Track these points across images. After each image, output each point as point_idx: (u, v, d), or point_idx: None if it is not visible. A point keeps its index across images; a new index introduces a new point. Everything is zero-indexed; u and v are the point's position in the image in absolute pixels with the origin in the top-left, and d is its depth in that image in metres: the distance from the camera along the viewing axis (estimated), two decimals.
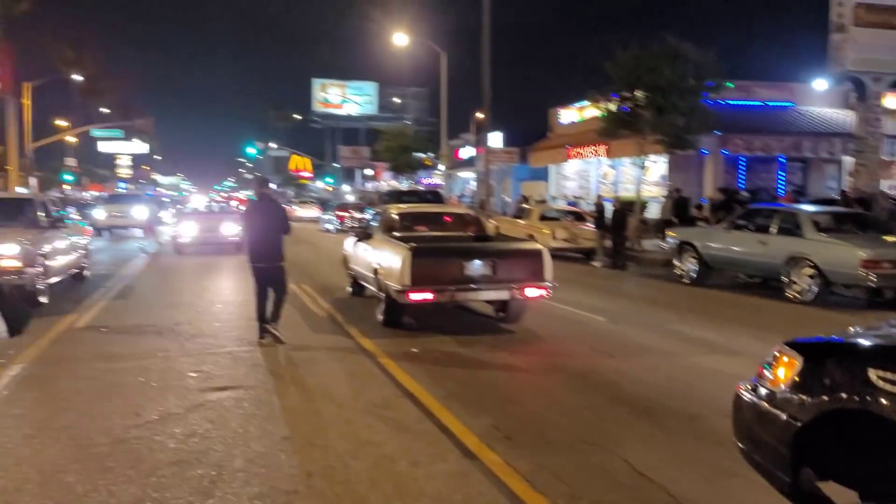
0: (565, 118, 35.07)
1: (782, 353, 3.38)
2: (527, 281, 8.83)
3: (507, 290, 8.84)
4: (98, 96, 69.06)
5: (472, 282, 8.70)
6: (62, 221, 11.83)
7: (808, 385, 3.16)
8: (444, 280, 8.60)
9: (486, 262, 8.73)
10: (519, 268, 8.96)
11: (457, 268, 8.65)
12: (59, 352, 7.68)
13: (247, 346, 8.01)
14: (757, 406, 3.44)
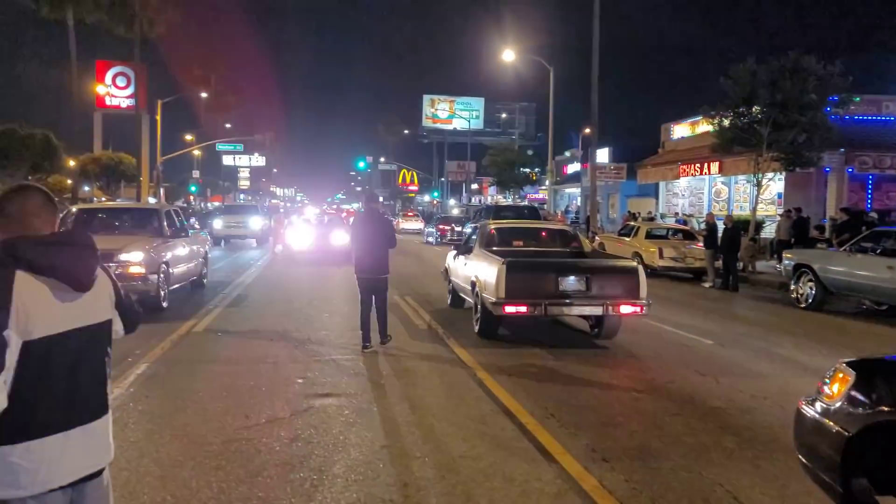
0: (677, 133, 34.13)
1: (838, 370, 3.58)
2: (621, 298, 8.83)
3: (601, 306, 8.83)
4: (222, 112, 73.49)
5: (566, 297, 8.81)
6: (185, 231, 12.60)
7: (857, 398, 3.37)
8: (537, 294, 8.74)
9: (580, 277, 8.83)
10: (613, 284, 8.97)
11: (551, 282, 8.78)
12: (178, 354, 8.20)
13: (350, 355, 8.27)
14: (813, 419, 3.64)
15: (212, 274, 16.57)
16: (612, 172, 36.69)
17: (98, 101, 56.36)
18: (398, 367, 7.78)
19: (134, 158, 45.59)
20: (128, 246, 10.37)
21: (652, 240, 20.15)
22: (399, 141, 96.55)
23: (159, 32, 46.04)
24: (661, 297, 15.24)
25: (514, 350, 8.83)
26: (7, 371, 2.12)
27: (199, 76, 68.99)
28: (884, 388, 3.30)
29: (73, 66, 35.30)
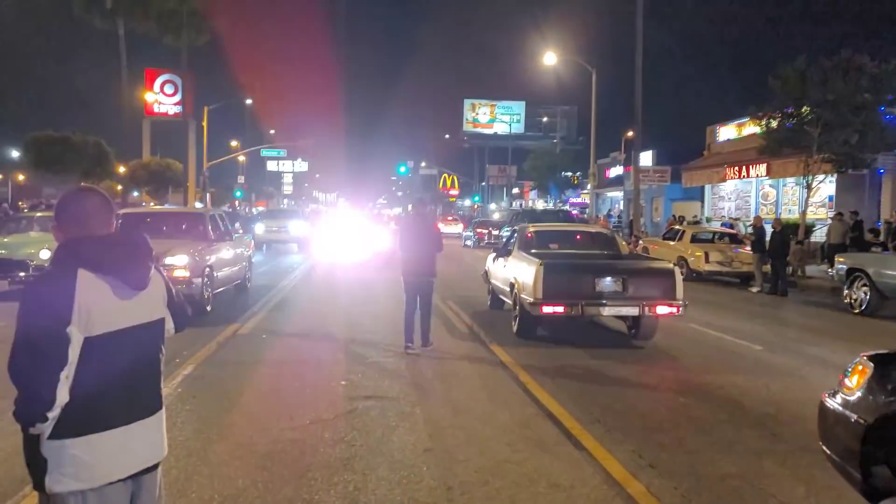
0: (723, 135, 33.49)
1: (858, 363, 3.75)
2: (658, 299, 8.92)
3: (637, 306, 8.92)
4: (267, 118, 74.73)
5: (603, 297, 8.93)
6: (229, 235, 12.79)
7: (875, 389, 3.51)
8: (574, 294, 8.91)
9: (616, 278, 8.98)
10: (650, 285, 9.09)
11: (587, 283, 8.95)
12: (225, 355, 8.32)
13: (393, 358, 8.28)
14: (834, 410, 3.78)
15: (255, 278, 16.80)
16: (655, 176, 36.24)
17: (146, 108, 57.84)
18: (440, 369, 7.76)
19: (181, 164, 46.59)
20: (172, 249, 10.54)
21: (697, 244, 19.80)
22: (440, 146, 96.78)
23: (205, 40, 47.07)
24: (707, 301, 14.97)
25: (555, 352, 8.78)
26: (69, 366, 2.18)
27: (245, 83, 70.41)
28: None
29: (124, 74, 36.22)
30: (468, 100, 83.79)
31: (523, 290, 9.36)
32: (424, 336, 8.82)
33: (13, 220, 15.62)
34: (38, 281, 2.28)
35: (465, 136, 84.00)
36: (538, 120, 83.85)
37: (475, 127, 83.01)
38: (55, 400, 2.15)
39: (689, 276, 19.25)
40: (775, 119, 20.48)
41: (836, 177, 22.80)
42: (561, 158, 51.65)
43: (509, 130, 76.41)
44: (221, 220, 13.22)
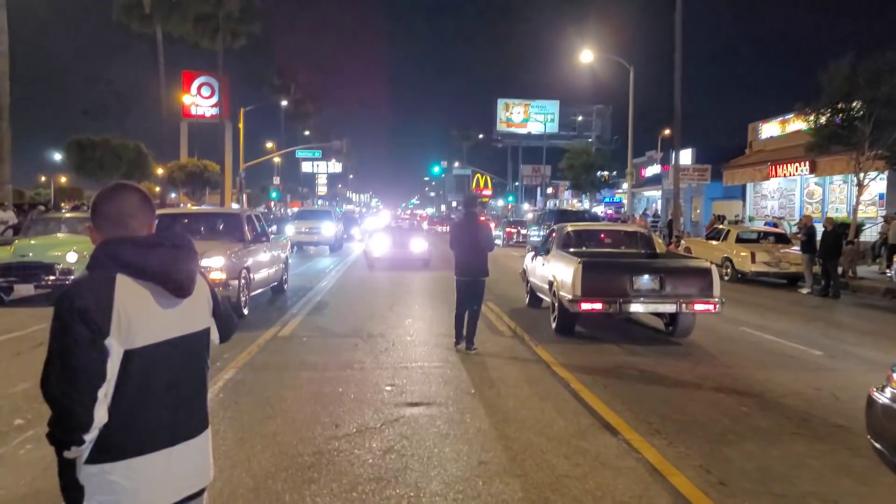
0: (766, 133, 32.65)
1: None
2: (695, 296, 9.11)
3: (675, 303, 9.11)
4: (301, 120, 75.26)
5: (640, 295, 9.11)
6: (265, 236, 12.63)
7: None
8: (612, 292, 9.09)
9: (654, 276, 9.16)
10: (687, 283, 9.23)
11: (625, 281, 9.10)
12: (265, 359, 8.15)
13: (437, 362, 8.03)
14: (883, 404, 3.83)
15: (291, 279, 16.70)
16: (695, 174, 35.46)
17: (184, 110, 58.59)
18: (487, 375, 7.49)
19: (218, 166, 47.00)
20: (209, 251, 10.42)
21: (743, 244, 19.22)
22: (473, 145, 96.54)
23: (242, 44, 47.44)
24: (756, 304, 14.47)
25: (601, 352, 8.51)
26: (108, 382, 1.96)
27: (280, 85, 70.95)
28: None
29: (162, 77, 36.61)
30: (502, 99, 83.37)
31: (562, 288, 9.59)
32: (469, 339, 8.75)
33: (41, 222, 15.10)
34: (72, 288, 2.01)
35: (498, 135, 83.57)
36: (572, 119, 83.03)
37: (509, 126, 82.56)
38: (93, 420, 1.93)
39: (735, 276, 18.73)
40: (824, 115, 19.77)
41: (888, 174, 21.97)
42: (596, 157, 50.81)
43: (543, 130, 75.79)
44: (258, 221, 13.08)
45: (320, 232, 27.97)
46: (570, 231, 11.56)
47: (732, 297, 15.52)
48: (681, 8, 26.57)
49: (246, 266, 11.28)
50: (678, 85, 28.89)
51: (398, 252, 20.30)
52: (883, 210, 24.10)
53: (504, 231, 36.72)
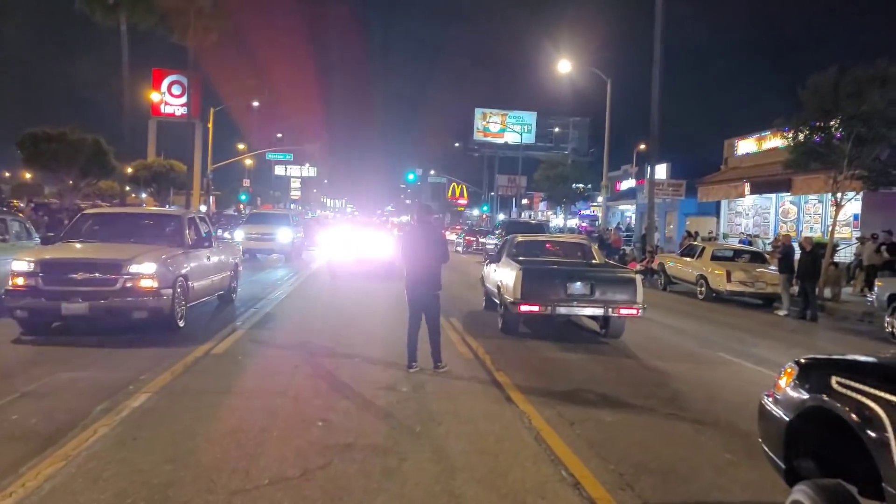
0: (742, 149, 32.26)
1: (788, 366, 3.96)
2: (620, 302, 10.14)
3: (603, 307, 10.17)
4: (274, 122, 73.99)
5: (573, 299, 10.16)
6: (209, 240, 11.54)
7: (796, 389, 3.72)
8: (548, 296, 10.13)
9: (585, 283, 10.18)
10: (614, 290, 10.25)
11: (560, 286, 10.17)
12: (188, 382, 7.15)
13: (383, 390, 7.10)
14: (766, 408, 4.05)
15: (245, 287, 15.67)
16: (670, 189, 35.01)
17: (153, 108, 57.12)
18: (438, 407, 6.57)
19: (185, 166, 45.56)
20: (139, 256, 9.39)
21: (719, 261, 18.58)
22: (449, 154, 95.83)
23: (213, 41, 46.12)
24: (733, 325, 13.78)
25: (573, 386, 7.59)
26: None
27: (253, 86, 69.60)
28: (815, 380, 3.61)
29: (125, 71, 35.26)
30: (479, 109, 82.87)
31: (507, 292, 10.62)
32: (435, 356, 8.10)
33: None
34: None
35: (475, 145, 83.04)
36: (549, 131, 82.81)
37: (486, 136, 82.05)
38: None
39: (709, 295, 18.08)
40: (803, 132, 19.21)
41: (863, 195, 21.50)
42: (572, 170, 50.31)
43: (520, 140, 75.33)
44: (202, 223, 12.05)
45: (274, 238, 24.76)
46: (519, 241, 12.70)
47: (707, 318, 14.85)
48: (660, 22, 26.07)
49: (183, 273, 10.25)
50: (655, 99, 28.39)
51: (362, 260, 19.24)
52: (857, 231, 23.70)
53: (464, 239, 39.36)
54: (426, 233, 8.38)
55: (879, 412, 3.00)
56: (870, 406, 3.07)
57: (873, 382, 3.14)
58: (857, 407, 3.15)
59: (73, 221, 11.75)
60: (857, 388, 3.20)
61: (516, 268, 10.39)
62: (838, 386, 3.34)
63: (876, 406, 3.04)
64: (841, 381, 3.34)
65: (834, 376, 3.41)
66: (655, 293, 20.42)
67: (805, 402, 3.60)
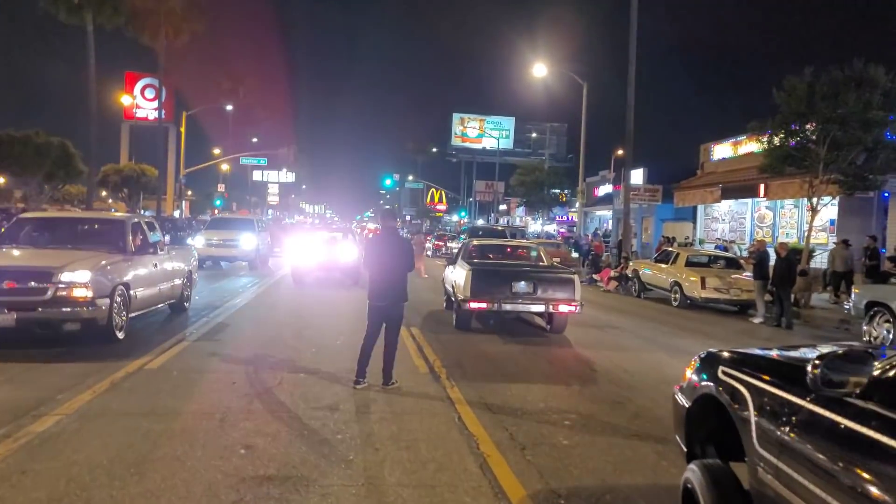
0: (718, 154, 32.05)
1: (693, 359, 4.24)
2: (561, 300, 11.10)
3: (544, 304, 11.13)
4: (250, 126, 72.94)
5: (518, 297, 11.09)
6: (154, 246, 10.83)
7: (696, 378, 4.02)
8: (495, 294, 11.03)
9: (529, 282, 11.13)
10: (555, 289, 11.16)
11: (506, 285, 11.11)
12: (109, 402, 6.51)
13: (322, 411, 6.49)
14: (675, 397, 4.30)
15: (203, 295, 15.00)
16: (646, 195, 34.72)
17: (126, 112, 56.03)
18: (380, 430, 5.99)
19: (156, 170, 44.61)
20: (72, 263, 8.73)
21: (693, 267, 18.18)
22: (427, 159, 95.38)
23: (184, 43, 45.25)
24: (707, 333, 13.35)
25: (531, 403, 7.04)
26: None
27: (227, 89, 68.60)
28: (708, 370, 3.86)
29: (92, 72, 34.33)
30: (457, 114, 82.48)
31: (458, 290, 11.59)
32: (386, 372, 7.54)
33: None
34: None
35: (453, 150, 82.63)
36: (527, 136, 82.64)
37: (464, 141, 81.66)
38: None
39: (684, 302, 17.67)
40: (778, 135, 18.92)
41: (839, 200, 21.29)
42: (548, 175, 50.01)
43: (498, 146, 75.04)
44: (149, 228, 11.37)
45: (237, 245, 23.16)
46: (474, 244, 14.09)
47: (681, 326, 14.40)
48: (634, 22, 25.81)
49: (124, 282, 9.58)
50: (630, 98, 28.12)
51: (324, 266, 18.58)
52: (834, 236, 23.49)
53: (433, 243, 41.28)
54: (391, 239, 7.84)
55: (745, 393, 3.35)
56: (739, 389, 3.41)
57: (745, 370, 3.49)
58: (730, 390, 3.50)
59: (8, 227, 11.05)
60: (733, 374, 3.55)
61: (467, 268, 11.38)
62: (722, 374, 3.66)
63: (743, 389, 3.38)
64: (724, 370, 3.67)
65: (721, 366, 3.73)
66: (629, 300, 19.99)
67: (699, 390, 3.91)
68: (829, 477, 2.53)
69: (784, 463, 2.85)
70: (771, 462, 2.95)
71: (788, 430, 2.89)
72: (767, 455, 2.99)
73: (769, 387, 3.20)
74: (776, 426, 2.98)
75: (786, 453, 2.85)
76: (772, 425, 3.02)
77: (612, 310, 16.93)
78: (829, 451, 2.60)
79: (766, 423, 3.07)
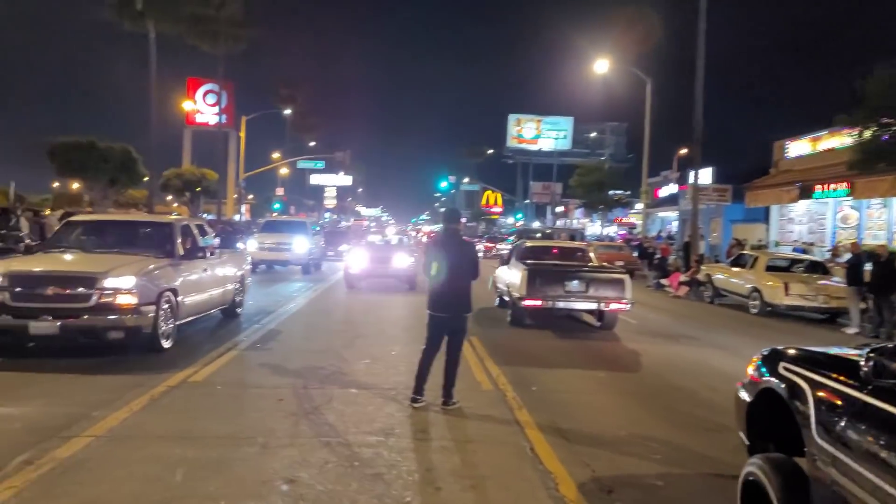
0: (794, 151, 30.22)
1: (754, 356, 4.25)
2: (612, 298, 11.56)
3: (596, 303, 11.66)
4: (307, 131, 73.47)
5: (571, 295, 11.61)
6: (203, 250, 10.25)
7: (758, 373, 4.06)
8: (549, 292, 11.53)
9: (581, 281, 11.63)
10: (606, 288, 11.64)
11: (559, 284, 11.61)
12: (143, 421, 5.92)
13: (378, 435, 5.75)
14: (738, 393, 4.34)
15: (257, 300, 14.53)
16: (715, 195, 33.11)
17: (187, 117, 56.95)
18: (440, 463, 5.21)
19: (217, 174, 45.02)
20: (117, 269, 8.23)
21: (774, 272, 16.87)
22: (483, 161, 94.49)
23: (242, 49, 45.65)
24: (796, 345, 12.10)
25: (614, 429, 6.15)
26: None
27: (286, 95, 69.24)
28: (770, 367, 3.89)
29: (153, 78, 34.69)
30: (513, 115, 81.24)
31: (514, 289, 12.05)
32: (447, 391, 6.77)
33: None
34: None
35: (509, 151, 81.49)
36: (585, 136, 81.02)
37: (520, 143, 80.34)
38: None
39: (764, 309, 16.39)
40: (870, 129, 17.39)
41: None
42: (609, 176, 48.52)
43: (555, 147, 73.70)
44: (200, 231, 10.87)
45: (290, 248, 22.69)
46: (527, 245, 14.46)
47: (765, 336, 13.16)
48: (704, 13, 24.55)
49: (171, 287, 9.07)
50: (699, 96, 26.86)
51: (379, 270, 17.84)
52: None
53: (484, 245, 42.35)
54: (453, 243, 7.03)
55: (805, 387, 3.35)
56: (799, 384, 3.42)
57: (806, 365, 3.50)
58: (790, 385, 3.51)
59: (58, 230, 10.72)
60: (793, 370, 3.56)
61: (522, 268, 11.84)
62: (783, 370, 3.68)
63: (803, 383, 3.39)
64: (786, 366, 3.67)
65: (782, 362, 3.74)
66: (702, 307, 18.75)
67: (760, 385, 3.94)
68: (886, 466, 2.55)
69: (842, 453, 2.87)
70: (829, 453, 2.97)
71: (846, 421, 2.91)
72: (826, 446, 3.01)
73: (827, 381, 3.22)
74: (834, 418, 3.00)
75: (844, 444, 2.87)
76: (830, 418, 3.05)
77: (685, 318, 15.80)
78: (886, 441, 2.61)
79: (825, 415, 3.10)
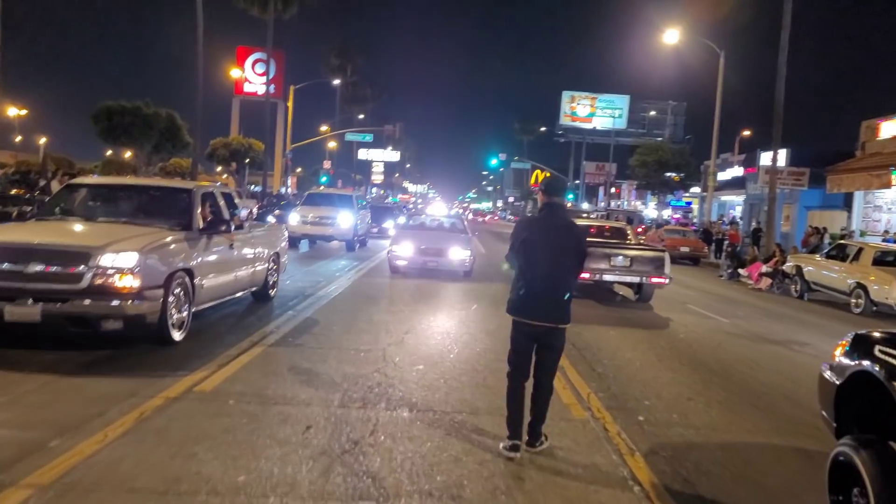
0: (885, 132, 27.43)
1: (844, 339, 4.29)
2: (652, 273, 12.86)
3: (639, 276, 12.94)
4: (358, 104, 72.03)
5: (616, 270, 12.84)
6: (227, 223, 8.49)
7: (847, 357, 4.09)
8: (595, 267, 12.56)
9: (626, 258, 12.82)
10: (647, 263, 12.90)
11: (605, 260, 12.77)
12: (117, 458, 4.31)
13: (441, 500, 4.05)
14: (823, 376, 4.39)
15: (296, 279, 13.01)
16: (790, 178, 30.55)
17: (236, 86, 55.93)
18: None
19: (262, 144, 43.85)
20: (116, 243, 6.68)
21: (883, 266, 14.68)
22: (534, 139, 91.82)
23: (293, 15, 44.25)
24: None
25: (760, 493, 4.38)
26: None
27: (337, 65, 67.77)
28: (862, 349, 3.93)
29: (200, 45, 33.38)
30: (567, 92, 78.22)
31: None
32: (534, 429, 4.89)
33: None
34: None
35: (561, 129, 78.71)
36: (642, 115, 77.72)
37: (573, 121, 77.37)
38: None
39: (869, 309, 14.28)
40: None
41: None
42: (673, 155, 45.83)
43: (611, 126, 70.76)
44: (226, 200, 9.24)
45: (334, 223, 21.01)
46: None
47: None
48: None
49: (186, 268, 7.50)
50: (782, 70, 24.55)
51: (430, 251, 15.81)
52: None
53: None
54: (557, 226, 5.05)
55: None
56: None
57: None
58: (888, 367, 3.55)
59: (56, 193, 9.26)
60: (892, 353, 3.59)
61: None
62: (879, 353, 3.70)
63: None
64: (882, 349, 3.70)
65: (878, 345, 3.77)
66: (792, 303, 16.63)
67: (851, 368, 3.93)
68: None
69: None
70: None
71: None
72: None
73: None
74: None
75: None
76: None
77: (782, 318, 13.79)
78: None
79: None
